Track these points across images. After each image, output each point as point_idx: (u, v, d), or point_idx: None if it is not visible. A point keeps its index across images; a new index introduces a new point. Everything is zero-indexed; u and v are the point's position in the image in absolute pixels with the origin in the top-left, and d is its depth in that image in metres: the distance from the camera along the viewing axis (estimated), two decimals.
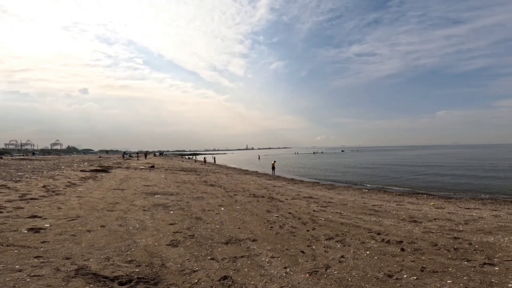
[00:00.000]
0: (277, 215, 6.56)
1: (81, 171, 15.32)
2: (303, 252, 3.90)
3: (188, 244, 4.51)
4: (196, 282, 3.18)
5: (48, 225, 4.89)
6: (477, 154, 43.41)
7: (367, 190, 12.08)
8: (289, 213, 6.86)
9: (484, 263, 3.18)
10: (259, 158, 59.54)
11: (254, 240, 4.76)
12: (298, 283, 2.94)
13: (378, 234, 4.70)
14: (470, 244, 4.02)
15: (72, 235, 4.48)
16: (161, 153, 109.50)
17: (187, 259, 3.88)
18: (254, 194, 10.67)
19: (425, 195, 10.64)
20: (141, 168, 22.12)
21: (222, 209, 7.63)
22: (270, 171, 26.83)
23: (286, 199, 9.38)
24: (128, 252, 3.90)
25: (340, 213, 6.77)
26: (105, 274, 3.08)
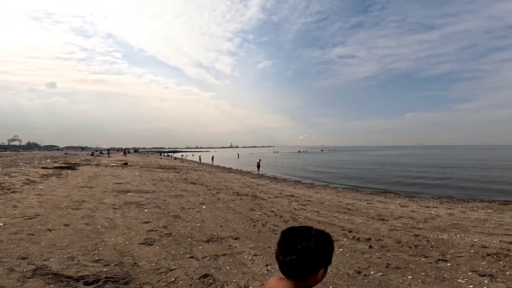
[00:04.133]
0: (260, 213, 6.74)
1: (43, 168, 14.27)
2: None
3: (164, 242, 4.43)
4: (173, 281, 3.12)
5: (1, 224, 4.50)
6: (438, 155, 48.73)
7: (341, 189, 12.83)
8: (272, 211, 7.09)
9: (439, 259, 3.50)
10: (238, 156, 60.67)
11: (236, 238, 4.85)
12: None
13: (350, 231, 5.05)
14: (428, 241, 4.41)
15: (30, 234, 4.16)
16: (136, 150, 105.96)
17: (163, 258, 3.81)
18: (237, 192, 10.79)
19: (392, 194, 11.51)
20: (113, 166, 21.15)
21: (204, 207, 7.59)
22: (254, 169, 27.43)
23: (269, 197, 9.63)
24: (95, 251, 3.71)
25: (318, 212, 7.15)
26: (68, 274, 2.90)
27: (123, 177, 13.57)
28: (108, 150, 47.99)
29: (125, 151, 49.23)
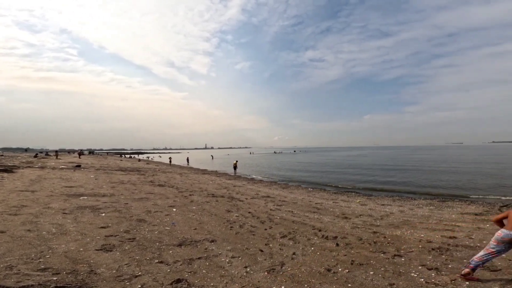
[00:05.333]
0: (237, 215, 6.98)
1: None
2: (261, 251, 4.29)
3: (126, 248, 4.23)
4: None
5: None
6: (390, 155, 56.44)
7: (311, 189, 13.96)
8: (249, 212, 7.40)
9: (395, 255, 3.99)
10: (212, 158, 62.42)
11: (213, 241, 4.87)
12: (258, 281, 3.23)
13: (320, 230, 5.55)
14: (385, 237, 4.98)
15: None
16: (91, 152, 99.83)
17: (126, 264, 3.62)
18: (213, 194, 10.75)
19: (353, 193, 12.70)
20: (62, 168, 19.52)
21: (174, 210, 7.42)
22: (230, 170, 27.57)
23: (246, 198, 9.98)
24: (40, 260, 3.39)
25: (292, 212, 7.67)
26: (6, 284, 2.59)
27: (75, 180, 12.62)
28: (56, 151, 44.11)
29: (80, 153, 45.89)
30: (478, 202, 9.59)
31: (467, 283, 3.00)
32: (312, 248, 4.39)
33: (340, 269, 3.48)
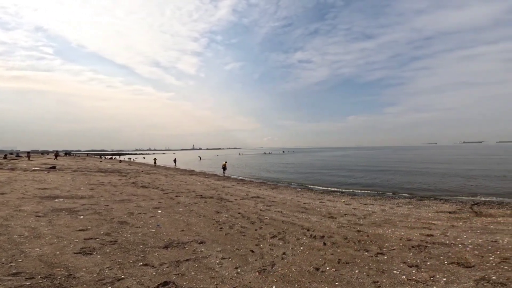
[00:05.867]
0: (226, 216, 7.12)
1: None
2: (252, 251, 4.40)
3: (107, 251, 4.13)
4: None
5: None
6: (371, 156, 60.82)
7: (300, 189, 14.58)
8: (239, 213, 7.59)
9: (378, 253, 4.22)
10: (200, 159, 63.55)
11: (201, 242, 4.86)
12: (250, 282, 3.30)
13: (308, 230, 5.79)
14: (368, 236, 5.25)
15: None
16: (67, 153, 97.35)
17: (108, 267, 3.53)
18: (201, 195, 10.73)
19: (338, 193, 13.33)
20: (35, 170, 18.79)
21: (160, 211, 7.32)
22: (219, 171, 27.59)
23: (236, 199, 10.22)
24: (12, 264, 3.24)
25: (281, 212, 7.97)
26: None
27: (50, 182, 12.17)
28: (28, 152, 42.40)
29: (56, 154, 44.43)
30: (452, 201, 10.18)
31: (444, 279, 3.20)
32: (301, 248, 4.56)
33: (328, 268, 3.65)
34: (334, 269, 3.61)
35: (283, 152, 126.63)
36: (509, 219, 6.65)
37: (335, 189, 14.89)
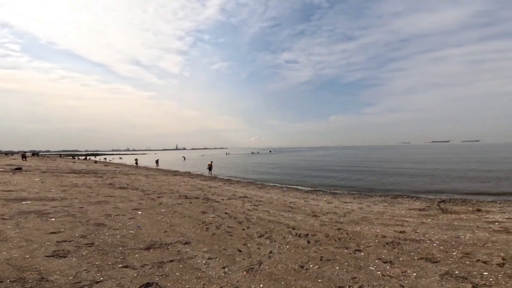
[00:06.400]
0: (213, 216, 7.28)
1: None
2: (240, 251, 4.55)
3: (83, 253, 4.04)
4: None
5: None
6: (351, 155, 64.47)
7: (286, 189, 15.24)
8: (226, 213, 7.78)
9: (356, 250, 4.54)
10: (184, 159, 64.50)
11: (186, 243, 4.91)
12: (237, 281, 3.41)
13: (293, 229, 6.09)
14: (347, 233, 5.63)
15: None
16: (34, 153, 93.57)
17: (85, 270, 3.45)
18: (186, 196, 10.74)
19: (321, 192, 14.01)
20: None
21: (140, 213, 7.23)
22: (205, 171, 27.68)
23: (223, 199, 10.44)
24: None
25: (268, 211, 8.28)
26: None
27: (15, 184, 11.63)
28: None
29: (23, 155, 42.53)
30: (422, 199, 10.99)
31: (414, 274, 3.50)
32: (287, 246, 4.79)
33: (311, 265, 3.87)
34: (317, 266, 3.85)
35: (270, 152, 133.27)
36: (471, 216, 7.27)
37: (319, 188, 15.62)
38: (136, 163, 41.20)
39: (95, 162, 46.62)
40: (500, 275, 3.36)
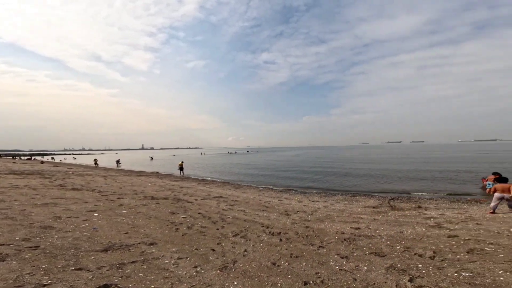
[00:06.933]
0: (184, 216, 7.69)
1: None
2: (213, 250, 4.93)
3: (26, 257, 4.03)
4: None
5: None
6: (320, 155, 73.34)
7: (262, 188, 16.82)
8: (199, 213, 8.25)
9: (319, 246, 5.22)
10: (151, 159, 66.89)
11: (152, 244, 5.07)
12: (210, 279, 3.68)
13: (267, 227, 6.79)
14: (313, 231, 6.42)
15: None
16: None
17: (28, 273, 3.45)
18: (152, 197, 10.82)
19: (293, 191, 15.75)
20: None
21: (96, 214, 7.22)
22: (175, 172, 28.19)
23: (196, 199, 11.03)
24: None
25: (244, 211, 8.98)
26: None
27: None
28: None
29: None
30: (376, 197, 12.80)
31: (365, 268, 4.09)
32: (261, 245, 5.36)
33: (282, 262, 4.40)
34: (288, 263, 4.38)
35: (248, 152, 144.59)
36: (413, 212, 8.58)
37: (291, 188, 17.55)
38: (96, 163, 40.52)
39: (42, 162, 44.82)
40: (431, 267, 4.03)
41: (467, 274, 3.69)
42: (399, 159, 43.19)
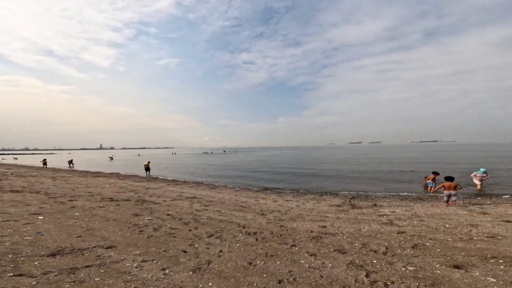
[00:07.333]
0: (150, 218, 7.90)
1: None
2: (185, 252, 5.11)
3: None
4: None
5: None
6: (294, 155, 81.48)
7: (238, 188, 17.78)
8: (168, 214, 8.53)
9: (292, 245, 5.68)
10: (111, 159, 68.26)
11: (110, 247, 5.01)
12: (182, 281, 3.80)
13: (244, 227, 7.27)
14: (287, 230, 6.99)
15: None
16: None
17: None
18: (111, 198, 10.68)
19: (269, 191, 16.92)
20: None
21: (41, 218, 6.99)
22: (141, 172, 28.09)
23: (165, 200, 11.43)
24: None
25: (219, 211, 9.51)
26: None
27: None
28: None
29: None
30: (339, 196, 14.34)
31: (330, 264, 4.56)
32: (237, 245, 5.72)
33: (258, 262, 4.73)
34: (263, 262, 4.72)
35: (224, 151, 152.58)
36: (370, 210, 9.56)
37: (267, 187, 18.88)
38: (45, 164, 38.66)
39: None
40: (383, 262, 4.57)
41: (412, 268, 4.28)
42: (359, 160, 48.77)
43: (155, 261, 4.48)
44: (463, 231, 6.32)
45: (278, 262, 4.67)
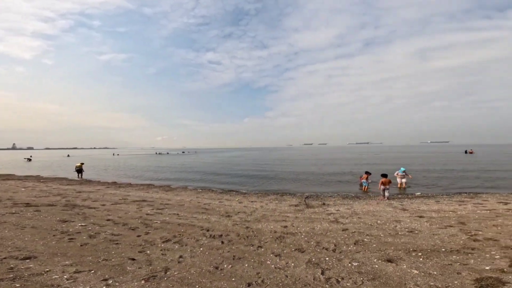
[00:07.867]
0: (83, 224, 7.88)
1: None
2: (133, 259, 5.11)
3: None
4: None
5: None
6: (256, 156, 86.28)
7: (201, 190, 18.42)
8: (108, 220, 8.54)
9: (258, 246, 6.15)
10: (29, 160, 67.55)
11: (28, 258, 4.85)
12: None
13: (208, 230, 7.62)
14: (253, 231, 7.48)
15: None
16: None
17: None
18: (27, 203, 10.21)
19: (234, 192, 17.87)
20: None
21: None
22: (72, 175, 26.37)
23: (103, 205, 11.40)
24: None
25: (178, 214, 9.79)
26: None
27: None
28: None
29: None
30: (296, 195, 15.74)
31: (292, 264, 4.96)
32: (201, 249, 5.94)
33: (225, 265, 4.97)
34: (231, 265, 4.97)
35: (183, 152, 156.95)
36: (320, 209, 10.67)
37: (232, 188, 19.98)
38: None
39: None
40: (334, 259, 5.17)
41: (356, 264, 4.90)
42: (311, 161, 55.22)
43: (92, 271, 4.39)
44: (391, 227, 7.51)
45: (246, 265, 4.98)
